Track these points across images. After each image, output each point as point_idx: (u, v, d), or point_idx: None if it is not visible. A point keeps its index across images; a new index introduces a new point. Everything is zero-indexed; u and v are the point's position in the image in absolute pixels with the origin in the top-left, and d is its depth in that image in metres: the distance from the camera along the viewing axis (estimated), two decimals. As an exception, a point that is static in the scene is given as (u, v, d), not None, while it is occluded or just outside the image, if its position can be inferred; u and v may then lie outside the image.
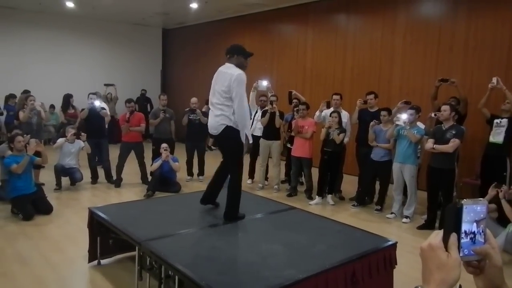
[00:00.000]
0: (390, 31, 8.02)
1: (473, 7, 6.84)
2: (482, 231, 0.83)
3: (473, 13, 6.84)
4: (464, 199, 0.82)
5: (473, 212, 0.82)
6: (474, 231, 0.82)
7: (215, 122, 3.65)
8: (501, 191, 4.50)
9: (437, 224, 5.31)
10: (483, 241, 0.83)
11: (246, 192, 5.12)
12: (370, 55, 8.37)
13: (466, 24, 6.93)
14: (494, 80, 5.31)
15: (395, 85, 7.95)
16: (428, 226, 5.32)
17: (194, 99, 7.68)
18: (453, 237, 0.81)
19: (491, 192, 4.58)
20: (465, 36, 6.93)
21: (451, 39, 7.11)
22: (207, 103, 8.73)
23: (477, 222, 0.82)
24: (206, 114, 7.74)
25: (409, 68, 7.74)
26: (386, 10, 8.08)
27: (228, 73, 3.57)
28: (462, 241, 0.81)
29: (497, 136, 5.38)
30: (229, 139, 3.59)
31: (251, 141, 3.61)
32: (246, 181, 7.32)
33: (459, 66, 6.97)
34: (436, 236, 0.84)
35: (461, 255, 0.81)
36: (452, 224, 0.82)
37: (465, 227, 0.81)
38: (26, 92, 8.69)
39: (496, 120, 5.42)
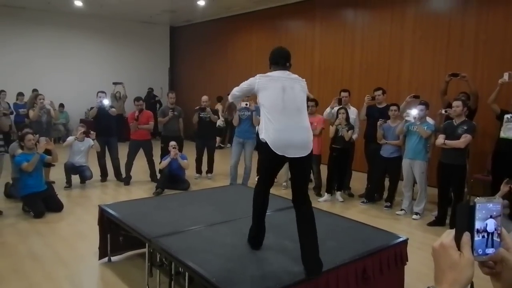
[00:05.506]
0: (399, 25, 7.95)
1: (483, 0, 6.74)
2: (496, 229, 0.80)
3: (483, 7, 6.74)
4: (478, 198, 0.79)
5: (485, 210, 0.79)
6: (488, 230, 0.79)
7: (306, 138, 2.79)
8: (514, 187, 4.44)
9: (447, 221, 5.26)
10: (499, 240, 0.80)
11: (255, 189, 5.11)
12: (378, 50, 8.30)
13: (476, 18, 6.84)
14: (506, 76, 5.21)
15: (404, 80, 7.88)
16: (438, 222, 5.28)
17: (205, 97, 7.68)
18: (466, 236, 0.79)
19: (504, 188, 4.52)
20: (475, 30, 6.84)
21: (461, 33, 7.02)
22: (218, 101, 8.74)
23: (491, 220, 0.79)
24: (216, 112, 7.77)
25: (419, 63, 7.66)
26: (395, 4, 8.00)
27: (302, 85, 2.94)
28: (475, 240, 0.79)
29: (508, 131, 5.30)
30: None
31: None
32: (254, 178, 7.31)
33: (470, 60, 6.88)
34: (448, 235, 0.82)
35: (474, 255, 0.79)
36: (464, 223, 0.80)
37: (477, 225, 0.79)
38: (35, 91, 8.78)
39: (506, 115, 5.34)
